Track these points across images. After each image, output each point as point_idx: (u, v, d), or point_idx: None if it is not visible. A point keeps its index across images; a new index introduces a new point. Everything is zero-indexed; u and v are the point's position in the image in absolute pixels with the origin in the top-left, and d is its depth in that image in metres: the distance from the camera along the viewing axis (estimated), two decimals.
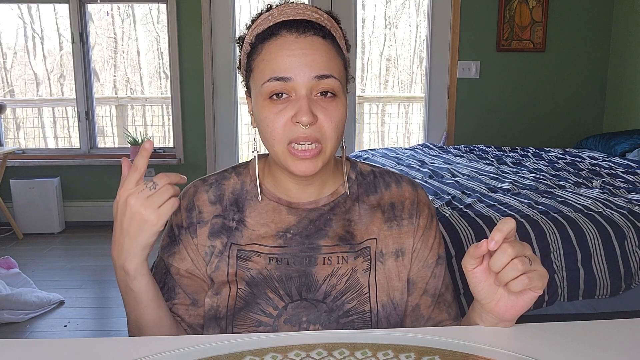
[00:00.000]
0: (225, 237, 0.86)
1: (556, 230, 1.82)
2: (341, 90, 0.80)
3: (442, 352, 0.67)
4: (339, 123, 0.79)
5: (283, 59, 0.76)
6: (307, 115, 0.75)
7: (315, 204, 0.87)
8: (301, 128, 0.76)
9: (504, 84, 3.98)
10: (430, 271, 0.89)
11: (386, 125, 5.00)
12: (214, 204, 0.88)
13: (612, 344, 0.70)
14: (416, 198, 0.90)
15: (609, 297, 1.83)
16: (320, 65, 0.77)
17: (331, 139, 0.78)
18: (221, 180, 0.90)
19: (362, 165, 0.93)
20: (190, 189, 0.90)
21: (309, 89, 0.77)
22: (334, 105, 0.78)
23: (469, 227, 1.82)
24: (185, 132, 3.97)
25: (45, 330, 2.40)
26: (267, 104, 0.78)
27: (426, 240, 0.89)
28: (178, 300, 0.86)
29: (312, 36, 0.78)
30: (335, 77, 0.78)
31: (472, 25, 3.89)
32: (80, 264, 3.21)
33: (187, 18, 3.82)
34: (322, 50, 0.78)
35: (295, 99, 0.77)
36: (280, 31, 0.78)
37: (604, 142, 3.47)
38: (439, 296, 0.90)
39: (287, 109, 0.77)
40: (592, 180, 2.51)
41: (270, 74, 0.77)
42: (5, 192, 3.85)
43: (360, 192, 0.90)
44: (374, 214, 0.88)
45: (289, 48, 0.77)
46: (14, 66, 4.49)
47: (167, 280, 0.87)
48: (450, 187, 2.34)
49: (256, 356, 0.66)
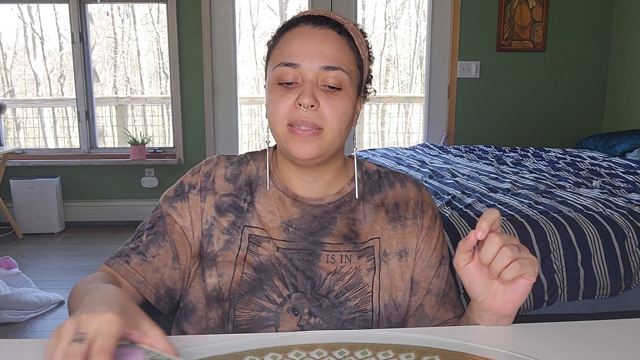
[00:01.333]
0: (234, 216, 0.87)
1: (556, 230, 1.82)
2: (349, 85, 0.81)
3: (442, 352, 0.67)
4: (342, 114, 0.80)
5: (295, 46, 0.80)
6: (308, 97, 0.77)
7: (321, 201, 0.88)
8: (302, 111, 0.78)
9: (504, 84, 3.98)
10: (433, 271, 0.89)
11: (386, 125, 5.00)
12: (229, 182, 0.89)
13: (612, 344, 0.70)
14: (420, 198, 0.91)
15: (609, 297, 1.83)
16: (329, 56, 0.79)
17: (332, 127, 0.80)
18: (242, 162, 0.91)
19: (367, 165, 0.94)
20: (214, 159, 0.91)
21: (315, 77, 0.79)
22: (339, 97, 0.80)
23: (469, 227, 1.82)
24: (185, 132, 3.97)
25: (45, 330, 2.39)
26: (275, 88, 0.81)
27: (429, 241, 0.89)
28: (163, 250, 0.85)
29: (326, 29, 0.81)
30: (343, 69, 0.79)
31: (472, 25, 3.89)
32: (80, 264, 3.21)
33: (187, 18, 3.82)
34: (333, 43, 0.80)
35: (301, 84, 0.79)
36: (299, 23, 0.82)
37: (604, 142, 3.47)
38: (444, 296, 0.90)
39: (292, 93, 0.79)
40: (592, 180, 2.51)
41: (282, 59, 0.80)
42: (5, 192, 3.85)
43: (366, 192, 0.90)
44: (378, 213, 0.89)
45: (302, 37, 0.80)
46: (14, 66, 4.49)
47: (159, 224, 0.87)
48: (450, 187, 2.34)
49: (256, 356, 0.66)
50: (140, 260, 0.84)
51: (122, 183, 4.02)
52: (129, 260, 0.84)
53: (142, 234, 0.86)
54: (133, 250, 0.85)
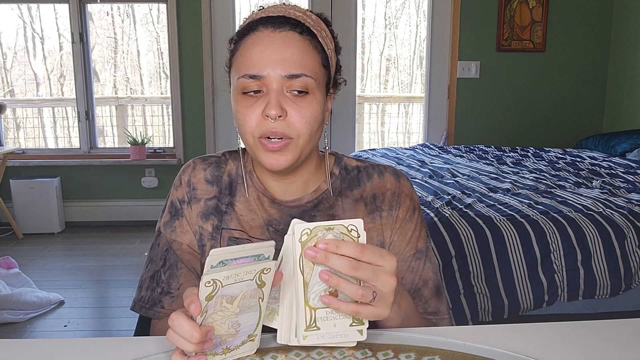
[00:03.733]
0: (217, 219, 0.87)
1: (556, 230, 1.82)
2: (315, 87, 0.78)
3: (442, 352, 0.67)
4: (311, 119, 0.78)
5: (256, 55, 0.77)
6: (274, 108, 0.75)
7: (299, 202, 0.87)
8: (270, 122, 0.76)
9: (504, 84, 3.98)
10: (406, 265, 0.87)
11: (386, 125, 4.99)
12: (211, 184, 0.89)
13: (612, 344, 0.70)
14: (398, 189, 0.89)
15: (609, 297, 1.83)
16: (292, 63, 0.76)
17: (303, 135, 0.78)
18: (220, 163, 0.91)
19: (347, 160, 0.92)
20: (190, 164, 0.91)
21: (280, 85, 0.77)
22: (306, 102, 0.77)
23: (469, 227, 1.82)
24: (185, 132, 3.97)
25: (45, 330, 2.40)
26: (240, 98, 0.79)
27: (404, 234, 0.88)
28: (183, 278, 0.86)
29: (287, 31, 0.78)
30: (307, 75, 0.77)
31: (472, 25, 3.89)
32: (80, 264, 3.21)
33: (187, 18, 3.82)
34: (295, 46, 0.77)
35: (266, 93, 0.77)
36: (258, 27, 0.79)
37: (604, 142, 3.47)
38: (415, 291, 0.88)
39: (258, 104, 0.77)
40: (592, 180, 2.51)
41: (244, 71, 0.77)
42: (5, 192, 3.85)
43: (344, 187, 0.89)
44: (357, 207, 0.88)
45: (261, 44, 0.77)
46: (14, 66, 4.49)
47: (169, 257, 0.87)
48: (450, 187, 2.34)
49: (256, 356, 0.66)
50: (170, 298, 0.86)
51: (122, 183, 4.02)
52: (163, 304, 0.86)
53: (160, 274, 0.87)
54: (161, 294, 0.86)
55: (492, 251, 1.78)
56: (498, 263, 1.77)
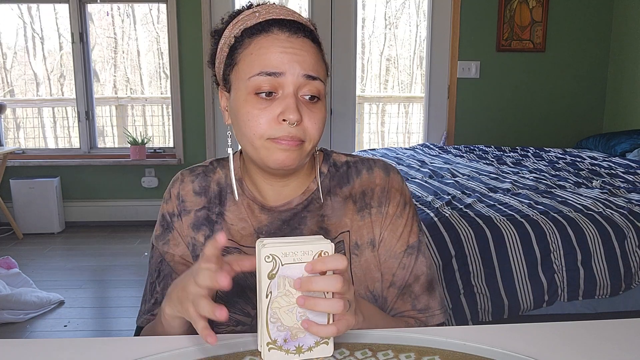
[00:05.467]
0: (208, 229, 0.87)
1: (556, 230, 1.82)
2: (323, 95, 0.80)
3: (442, 352, 0.67)
4: (321, 125, 0.79)
5: (275, 54, 0.76)
6: (294, 113, 0.75)
7: (289, 205, 0.86)
8: (287, 127, 0.76)
9: (504, 84, 3.98)
10: (397, 262, 0.86)
11: (386, 125, 4.99)
12: (200, 195, 0.89)
13: (612, 344, 0.70)
14: (387, 184, 0.88)
15: (609, 297, 1.83)
16: (310, 66, 0.77)
17: (314, 140, 0.79)
18: (208, 172, 0.91)
19: (336, 156, 0.92)
20: (178, 176, 0.91)
21: (296, 87, 0.76)
22: (317, 108, 0.79)
23: (469, 227, 1.82)
24: (185, 132, 3.97)
25: (45, 330, 2.39)
26: (252, 99, 0.77)
27: (394, 230, 0.87)
28: None
29: (303, 38, 0.78)
30: (321, 80, 0.79)
31: (472, 25, 3.89)
32: (80, 264, 3.21)
33: (187, 18, 3.82)
34: (311, 53, 0.79)
35: (282, 97, 0.76)
36: (272, 28, 0.78)
37: (604, 142, 3.47)
38: (405, 287, 0.87)
39: (273, 107, 0.76)
40: (592, 180, 2.51)
41: (260, 68, 0.76)
42: (5, 192, 3.85)
43: (333, 185, 0.88)
44: (346, 205, 0.87)
45: (282, 45, 0.77)
46: (14, 66, 4.49)
47: (162, 268, 0.88)
48: (450, 187, 2.34)
49: (256, 356, 0.66)
50: None
51: (122, 183, 4.02)
52: (155, 314, 0.87)
53: (155, 285, 0.89)
54: (155, 305, 0.87)
55: (492, 251, 1.78)
56: (498, 263, 1.77)
